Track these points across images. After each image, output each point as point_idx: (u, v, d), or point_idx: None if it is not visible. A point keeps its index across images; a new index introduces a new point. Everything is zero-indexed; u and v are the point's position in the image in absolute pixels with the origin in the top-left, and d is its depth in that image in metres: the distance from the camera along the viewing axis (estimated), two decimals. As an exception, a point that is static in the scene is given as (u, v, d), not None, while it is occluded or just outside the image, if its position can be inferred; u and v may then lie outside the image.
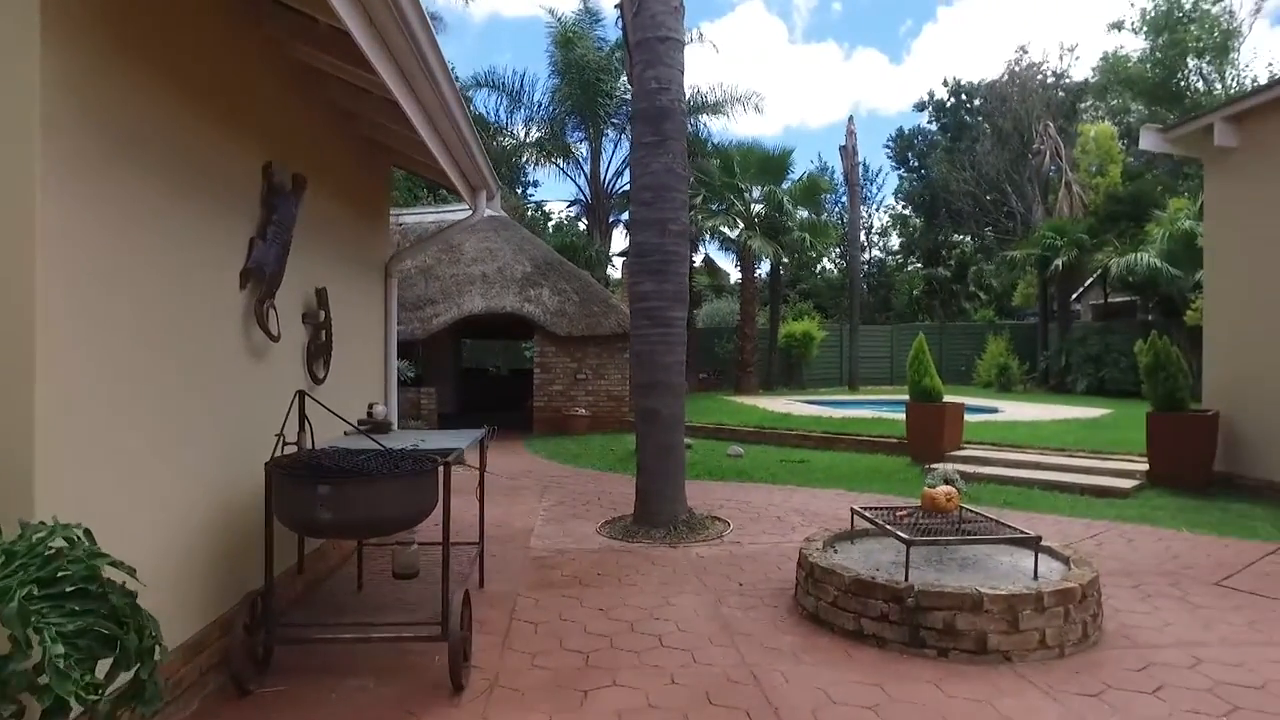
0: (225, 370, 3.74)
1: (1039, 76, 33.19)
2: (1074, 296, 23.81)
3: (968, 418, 10.92)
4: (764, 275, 25.40)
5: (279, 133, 4.37)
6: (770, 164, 21.57)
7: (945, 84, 38.13)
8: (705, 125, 23.65)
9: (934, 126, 38.69)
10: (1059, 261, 20.19)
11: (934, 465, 9.29)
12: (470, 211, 7.01)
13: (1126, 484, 7.94)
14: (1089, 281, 23.26)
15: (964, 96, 37.04)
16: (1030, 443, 10.09)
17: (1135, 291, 20.35)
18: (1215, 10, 29.17)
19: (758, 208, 21.94)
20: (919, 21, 62.67)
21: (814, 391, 22.26)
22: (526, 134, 23.78)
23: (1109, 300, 22.85)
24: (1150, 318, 20.94)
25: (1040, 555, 4.41)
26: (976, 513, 4.91)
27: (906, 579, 4.10)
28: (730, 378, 22.39)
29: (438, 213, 16.89)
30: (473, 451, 4.84)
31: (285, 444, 3.78)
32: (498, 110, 23.11)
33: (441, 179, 6.23)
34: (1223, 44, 29.49)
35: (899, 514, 4.91)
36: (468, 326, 18.73)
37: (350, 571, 5.25)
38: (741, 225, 21.39)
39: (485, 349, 26.09)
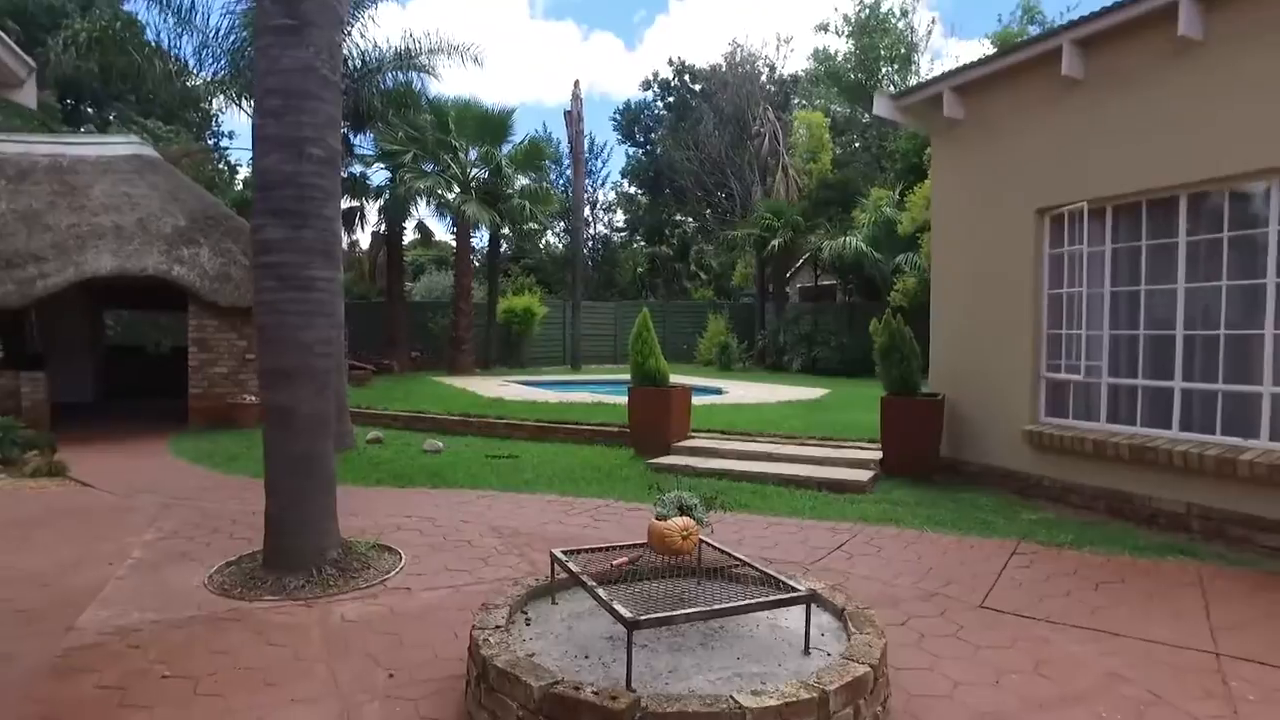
0: None
1: (754, 66, 34.30)
2: (787, 275, 24.61)
3: (693, 400, 10.00)
4: (484, 247, 23.63)
5: None
6: (490, 124, 19.73)
7: (670, 64, 38.46)
8: (420, 78, 21.27)
9: (661, 105, 38.91)
10: (776, 242, 20.50)
11: (654, 460, 8.18)
12: None
13: (863, 476, 7.29)
14: (799, 263, 24.13)
15: (688, 78, 37.48)
16: (760, 429, 9.34)
17: (842, 274, 21.26)
18: (901, 25, 31.90)
19: (475, 171, 20.01)
20: (652, 11, 63.51)
21: (535, 371, 20.88)
22: (199, 66, 19.80)
23: (818, 283, 23.86)
24: (851, 299, 22.09)
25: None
26: (723, 550, 3.60)
27: (629, 682, 2.63)
28: (445, 356, 20.33)
29: (54, 143, 13.08)
30: None
31: None
32: (158, 32, 18.91)
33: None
34: (906, 56, 32.37)
35: (617, 561, 3.46)
36: (107, 293, 14.98)
37: None
38: (457, 189, 19.35)
39: (151, 323, 21.58)
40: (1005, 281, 7.28)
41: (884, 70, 31.91)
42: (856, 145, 27.24)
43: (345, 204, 21.07)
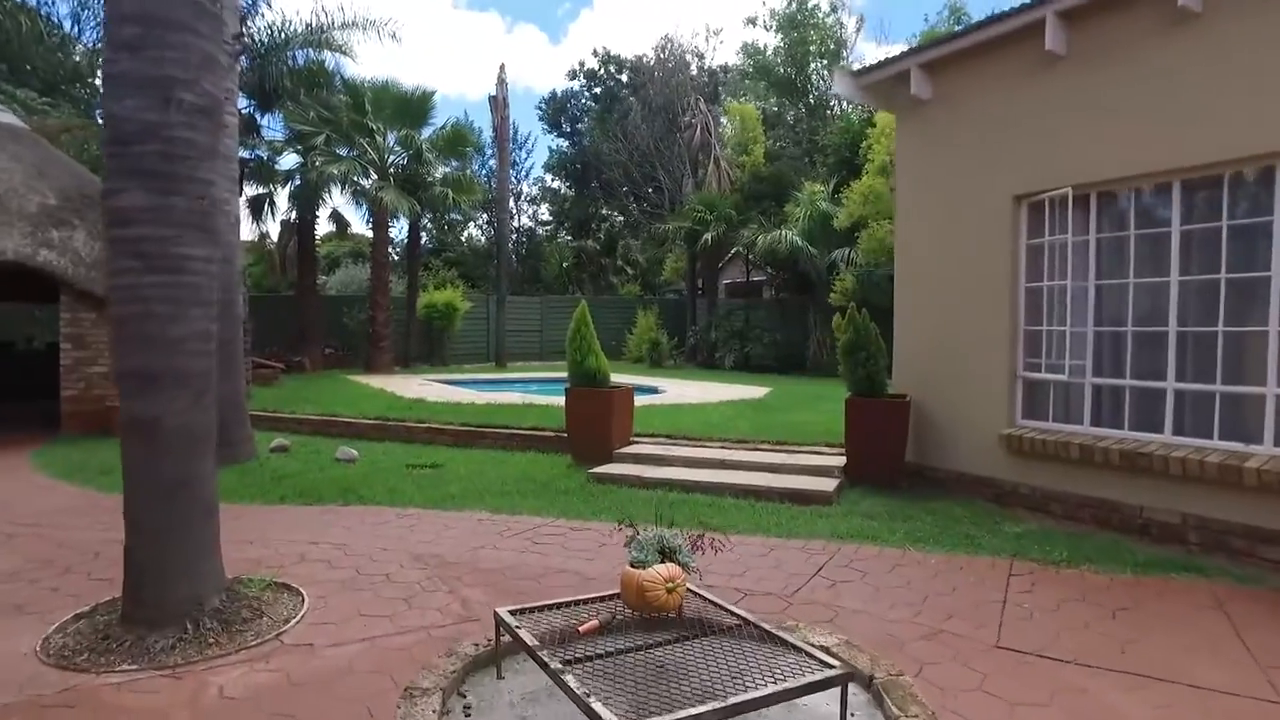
0: None
1: (686, 56, 33.73)
2: (719, 267, 24.02)
3: (632, 401, 9.23)
4: (404, 239, 22.37)
5: None
6: (409, 106, 18.50)
7: (595, 54, 37.56)
8: (334, 57, 19.87)
9: (587, 95, 37.96)
10: (709, 235, 19.90)
11: (596, 469, 7.38)
12: None
13: (828, 485, 6.64)
14: (728, 256, 23.58)
15: (614, 68, 36.65)
16: (707, 433, 8.63)
17: (776, 269, 20.79)
18: (830, 21, 31.86)
19: (394, 157, 18.78)
20: (576, 4, 62.29)
21: (457, 369, 19.76)
22: (78, 29, 17.98)
23: (750, 279, 23.39)
24: (780, 295, 21.62)
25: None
26: (718, 604, 2.84)
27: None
28: (362, 353, 19.03)
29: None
30: None
31: None
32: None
33: None
34: (835, 52, 32.37)
35: (585, 627, 2.66)
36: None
37: None
38: (374, 175, 18.09)
39: (27, 316, 19.51)
40: (978, 274, 6.74)
41: (813, 65, 31.82)
42: (782, 145, 26.85)
43: (252, 190, 19.51)
